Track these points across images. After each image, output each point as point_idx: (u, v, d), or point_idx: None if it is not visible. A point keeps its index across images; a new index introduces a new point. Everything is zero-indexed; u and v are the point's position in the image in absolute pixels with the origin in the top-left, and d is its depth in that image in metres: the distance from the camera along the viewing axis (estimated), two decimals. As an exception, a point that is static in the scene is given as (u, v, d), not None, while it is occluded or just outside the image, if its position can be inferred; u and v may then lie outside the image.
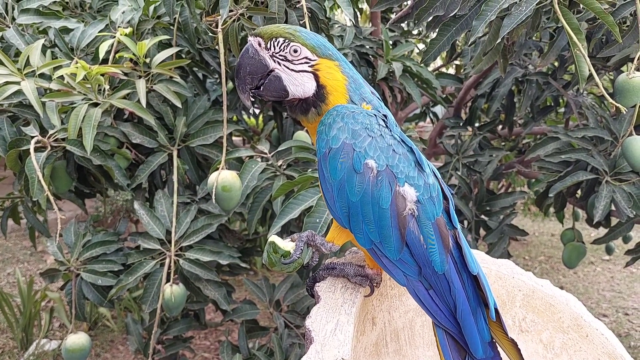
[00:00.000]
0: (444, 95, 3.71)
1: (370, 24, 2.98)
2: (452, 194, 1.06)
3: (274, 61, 1.02)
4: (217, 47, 1.94)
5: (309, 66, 1.01)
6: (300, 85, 1.01)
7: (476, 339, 0.94)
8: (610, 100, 1.67)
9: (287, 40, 1.00)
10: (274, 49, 1.01)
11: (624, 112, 2.15)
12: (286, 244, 1.04)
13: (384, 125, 1.01)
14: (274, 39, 1.01)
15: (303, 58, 1.01)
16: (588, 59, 1.62)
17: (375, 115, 1.01)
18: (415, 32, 3.67)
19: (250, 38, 1.03)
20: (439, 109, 4.09)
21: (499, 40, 1.69)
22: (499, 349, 0.97)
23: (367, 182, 0.94)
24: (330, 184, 0.96)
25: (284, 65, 1.01)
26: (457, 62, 3.95)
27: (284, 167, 2.11)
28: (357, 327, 1.03)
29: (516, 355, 0.96)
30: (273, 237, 1.05)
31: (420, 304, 0.98)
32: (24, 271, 4.92)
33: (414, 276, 0.96)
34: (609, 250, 3.63)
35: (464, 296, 0.95)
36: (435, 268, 0.94)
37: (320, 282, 1.10)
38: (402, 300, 1.23)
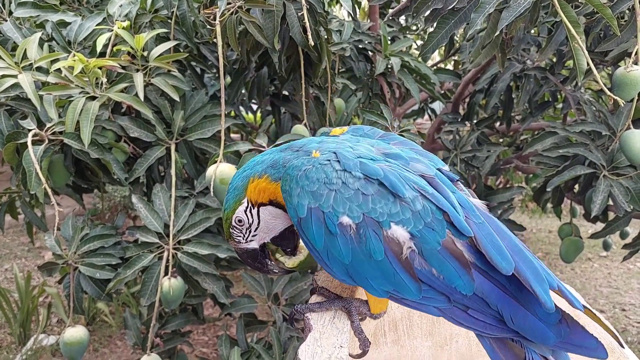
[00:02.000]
0: (442, 91, 3.71)
1: (369, 20, 2.98)
2: (458, 179, 1.00)
3: (251, 241, 1.04)
4: (215, 40, 1.94)
5: (253, 208, 1.01)
6: (272, 218, 1.02)
7: (541, 331, 0.85)
8: (609, 93, 1.68)
9: (231, 226, 1.03)
10: (242, 236, 1.03)
11: (622, 106, 2.16)
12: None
13: (341, 168, 0.89)
14: (231, 234, 1.04)
15: (245, 212, 1.01)
16: (586, 52, 1.63)
17: (329, 160, 0.91)
18: (414, 27, 3.67)
19: (232, 246, 1.08)
20: (437, 105, 4.09)
21: (497, 32, 1.69)
22: (575, 318, 0.87)
23: (350, 241, 0.86)
24: (317, 251, 0.90)
25: (258, 232, 1.03)
26: (455, 57, 3.95)
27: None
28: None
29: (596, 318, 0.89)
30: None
31: (466, 328, 0.90)
32: (22, 267, 4.92)
33: (445, 305, 0.88)
34: (607, 247, 3.64)
35: (509, 299, 0.86)
36: (463, 292, 0.85)
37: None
38: (400, 291, 1.23)
